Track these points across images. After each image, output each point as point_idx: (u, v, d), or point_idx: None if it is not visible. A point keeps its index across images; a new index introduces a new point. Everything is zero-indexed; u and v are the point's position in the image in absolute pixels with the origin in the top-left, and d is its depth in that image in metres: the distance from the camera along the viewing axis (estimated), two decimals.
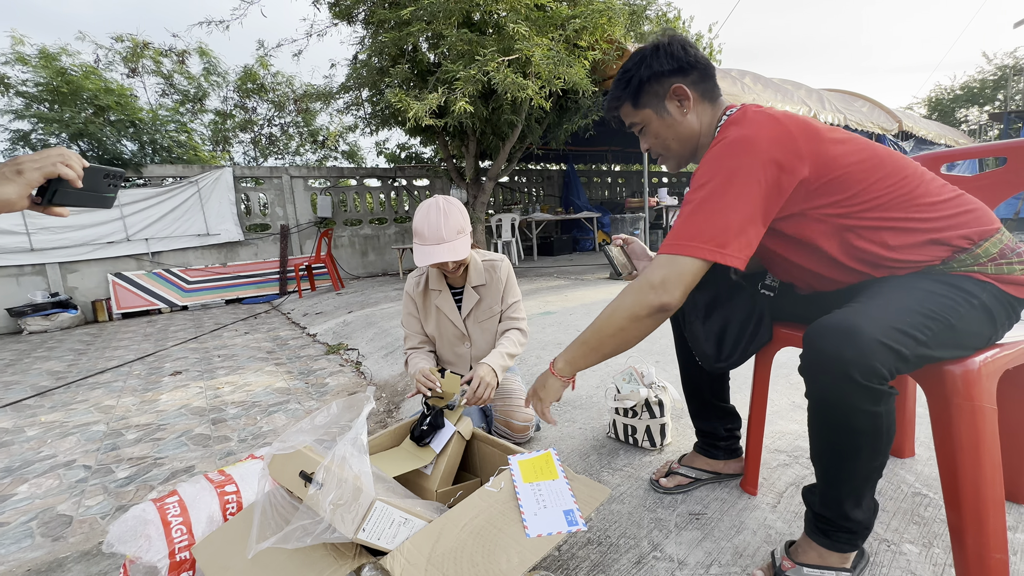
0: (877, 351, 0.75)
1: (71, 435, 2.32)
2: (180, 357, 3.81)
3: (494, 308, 1.67)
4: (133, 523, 1.05)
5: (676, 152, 1.05)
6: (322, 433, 1.09)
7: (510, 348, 1.57)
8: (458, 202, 1.52)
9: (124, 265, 6.32)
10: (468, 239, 1.49)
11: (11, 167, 0.72)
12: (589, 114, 5.45)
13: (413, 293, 1.71)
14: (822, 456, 0.88)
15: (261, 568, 0.90)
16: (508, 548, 0.85)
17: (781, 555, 0.96)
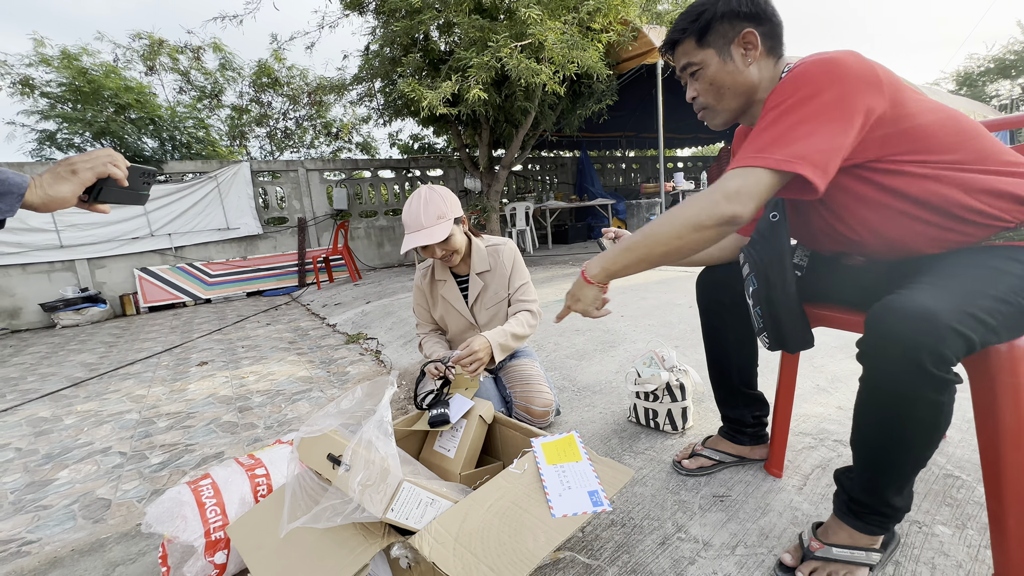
0: (950, 338, 0.70)
1: (106, 423, 2.40)
2: (206, 348, 3.91)
3: (500, 293, 1.66)
4: (170, 504, 1.09)
5: (727, 105, 0.98)
6: (347, 417, 1.11)
7: (515, 328, 1.57)
8: (443, 190, 1.53)
9: (149, 260, 6.48)
10: (450, 224, 1.49)
11: (66, 167, 0.78)
12: (603, 99, 5.36)
13: (421, 284, 1.74)
14: (870, 444, 0.84)
15: (293, 547, 0.92)
16: (534, 528, 0.86)
17: (809, 536, 0.94)
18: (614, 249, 0.93)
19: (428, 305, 1.75)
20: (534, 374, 1.66)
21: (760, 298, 1.00)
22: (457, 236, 1.54)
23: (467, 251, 1.65)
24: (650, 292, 3.66)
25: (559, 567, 1.03)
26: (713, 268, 1.23)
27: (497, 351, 1.49)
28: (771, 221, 0.97)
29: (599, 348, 2.45)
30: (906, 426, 0.78)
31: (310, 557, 0.88)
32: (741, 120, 1.03)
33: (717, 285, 1.20)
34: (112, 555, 1.33)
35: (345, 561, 0.83)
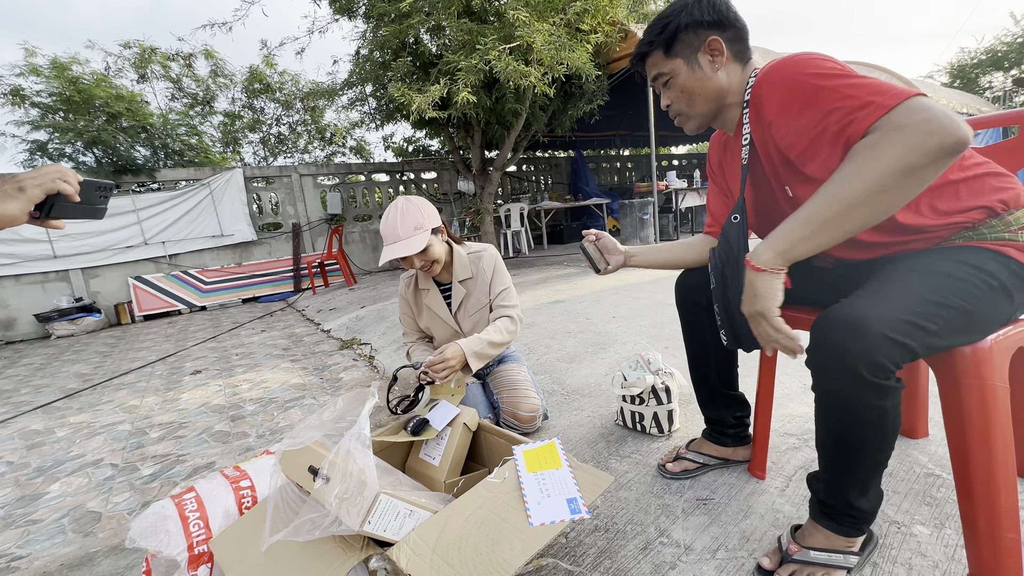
0: (883, 346, 0.72)
1: (98, 435, 2.40)
2: (200, 356, 3.91)
3: (483, 300, 1.67)
4: (153, 519, 1.09)
5: (699, 111, 1.00)
6: (330, 428, 1.11)
7: (493, 336, 1.57)
8: (420, 201, 1.52)
9: (143, 268, 6.47)
10: (427, 235, 1.48)
11: (12, 184, 0.77)
12: (594, 99, 5.37)
13: (405, 294, 1.75)
14: (827, 447, 0.87)
15: (274, 560, 0.92)
16: (511, 537, 0.86)
17: (787, 539, 0.95)
18: (785, 226, 0.79)
19: (413, 314, 1.77)
20: (521, 379, 1.67)
21: (718, 296, 1.02)
22: (436, 246, 1.54)
23: (449, 259, 1.65)
24: (643, 292, 3.67)
25: (541, 574, 1.03)
26: (691, 271, 1.24)
27: (472, 359, 1.49)
28: (732, 222, 0.98)
29: (590, 350, 2.46)
30: (853, 429, 0.81)
31: (290, 570, 0.89)
32: (714, 124, 1.05)
33: (694, 287, 1.21)
34: (101, 569, 1.33)
35: (323, 575, 0.83)
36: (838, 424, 0.82)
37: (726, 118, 1.02)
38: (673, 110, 1.04)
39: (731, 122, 1.03)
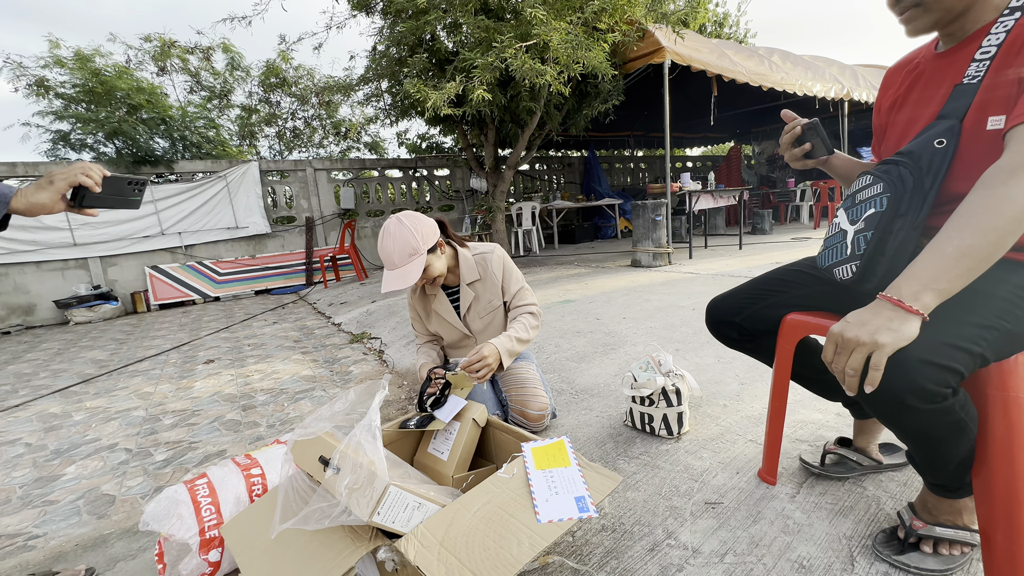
0: (928, 373, 0.70)
1: (114, 420, 2.45)
2: (213, 346, 3.96)
3: (494, 302, 1.66)
4: (166, 503, 1.11)
5: (947, 3, 0.83)
6: (341, 419, 1.12)
7: (520, 332, 1.57)
8: (414, 221, 1.46)
9: (160, 258, 6.58)
10: (423, 259, 1.44)
11: (46, 179, 0.93)
12: (609, 98, 5.34)
13: (412, 299, 1.75)
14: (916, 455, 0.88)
15: (283, 547, 0.94)
16: (519, 533, 0.86)
17: (908, 515, 0.95)
18: (935, 263, 0.72)
19: (422, 319, 1.77)
20: (530, 377, 1.67)
21: (876, 223, 0.89)
22: (435, 263, 1.51)
23: (454, 263, 1.64)
24: (654, 294, 3.65)
25: (547, 572, 1.04)
26: (714, 307, 1.22)
27: (506, 357, 1.50)
28: (935, 147, 0.85)
29: (599, 350, 2.45)
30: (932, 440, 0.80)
31: (299, 558, 0.90)
32: (945, 28, 0.88)
33: (722, 323, 1.19)
34: (114, 551, 1.36)
35: (332, 564, 0.84)
36: (910, 438, 0.83)
37: (967, 19, 0.85)
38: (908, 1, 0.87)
39: (967, 26, 0.86)
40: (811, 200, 8.69)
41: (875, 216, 0.90)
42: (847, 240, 0.97)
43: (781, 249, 5.69)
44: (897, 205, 0.87)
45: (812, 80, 6.42)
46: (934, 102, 0.91)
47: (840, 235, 1.00)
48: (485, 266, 1.66)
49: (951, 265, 0.71)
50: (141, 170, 6.47)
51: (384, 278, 1.45)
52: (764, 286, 1.18)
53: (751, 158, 12.67)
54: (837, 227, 1.02)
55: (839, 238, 1.00)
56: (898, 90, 1.02)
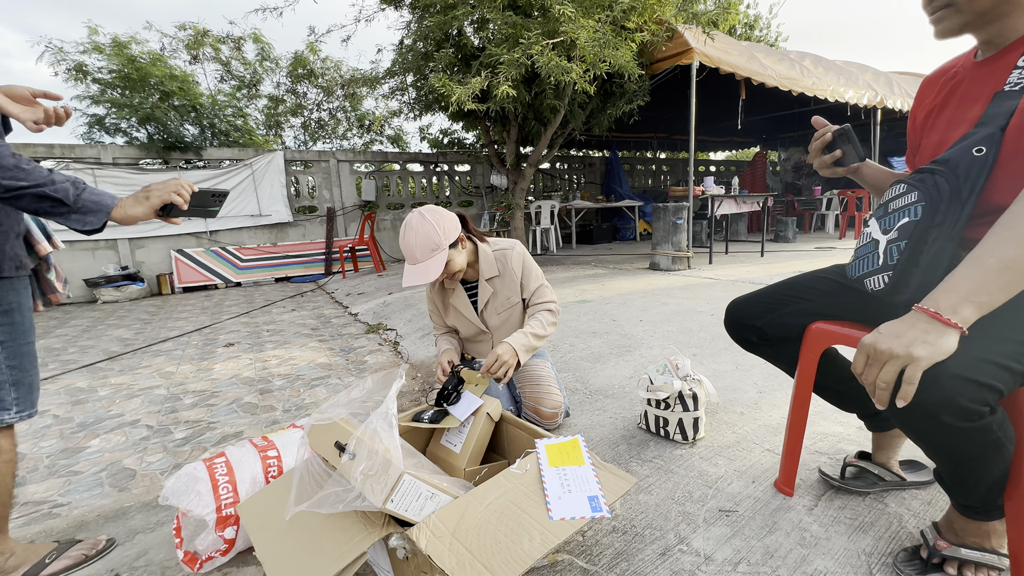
0: (965, 390, 0.68)
1: (136, 397, 2.52)
2: (233, 330, 4.04)
3: (512, 299, 1.65)
4: (186, 480, 1.14)
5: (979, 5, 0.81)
6: (358, 407, 1.13)
7: (536, 329, 1.56)
8: (436, 215, 1.46)
9: (185, 242, 6.73)
10: (444, 255, 1.43)
11: (143, 193, 1.06)
12: (634, 99, 5.28)
13: (431, 292, 1.75)
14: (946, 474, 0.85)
15: (297, 529, 0.95)
16: (531, 529, 0.86)
17: (932, 535, 0.93)
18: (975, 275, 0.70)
19: (440, 313, 1.77)
20: (545, 375, 1.66)
21: (910, 233, 0.86)
22: (456, 259, 1.51)
23: (474, 258, 1.63)
24: (672, 298, 3.60)
25: (556, 569, 1.03)
26: (735, 308, 1.20)
27: (522, 354, 1.50)
28: (974, 155, 0.82)
29: (615, 352, 2.43)
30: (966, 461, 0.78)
31: (313, 540, 0.91)
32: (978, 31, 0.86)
33: (742, 326, 1.17)
34: (134, 523, 1.39)
35: (344, 547, 0.85)
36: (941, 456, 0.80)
37: (1005, 27, 0.82)
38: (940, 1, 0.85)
39: (1006, 34, 0.83)
40: (838, 209, 8.49)
41: (909, 225, 0.87)
42: (879, 250, 0.94)
43: (804, 258, 5.57)
44: (932, 214, 0.84)
45: (844, 86, 6.25)
46: (973, 110, 0.88)
47: (871, 245, 0.97)
48: (504, 262, 1.64)
49: (992, 278, 0.68)
50: (171, 155, 6.62)
51: (405, 272, 1.45)
52: (789, 292, 1.15)
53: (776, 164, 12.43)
54: (868, 237, 0.99)
55: (870, 248, 0.97)
56: (935, 99, 0.98)
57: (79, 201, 0.98)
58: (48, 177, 0.95)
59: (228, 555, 1.12)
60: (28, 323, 1.12)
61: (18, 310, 1.09)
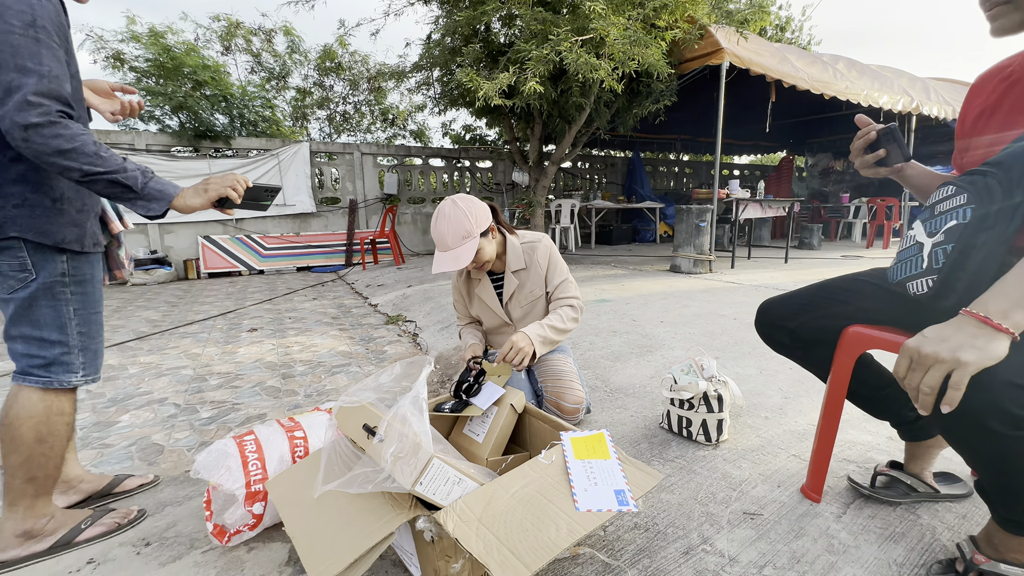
0: (1016, 395, 0.66)
1: (164, 376, 2.59)
2: (256, 316, 4.12)
3: (535, 292, 1.65)
4: (216, 455, 1.16)
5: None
6: (384, 392, 1.14)
7: (556, 322, 1.55)
8: (468, 204, 1.46)
9: (211, 229, 6.88)
10: (475, 242, 1.44)
11: (202, 186, 1.15)
12: (661, 98, 5.23)
13: (457, 282, 1.76)
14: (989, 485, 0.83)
15: (325, 507, 0.96)
16: (557, 519, 0.86)
17: (970, 548, 0.90)
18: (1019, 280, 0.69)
19: (465, 302, 1.78)
20: (567, 370, 1.66)
21: (958, 236, 0.83)
22: (486, 249, 1.51)
23: (502, 250, 1.64)
24: (693, 300, 3.56)
25: (578, 562, 1.03)
26: (767, 309, 1.18)
27: (539, 345, 1.48)
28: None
29: (635, 352, 2.41)
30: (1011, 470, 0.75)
31: (340, 519, 0.92)
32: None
33: (774, 326, 1.15)
34: (162, 496, 1.43)
35: (373, 527, 0.86)
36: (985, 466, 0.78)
37: None
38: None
39: None
40: (866, 217, 8.27)
41: (956, 228, 0.84)
42: (923, 253, 0.91)
43: (829, 265, 5.44)
44: (982, 218, 0.81)
45: (879, 91, 6.08)
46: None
47: (915, 248, 0.95)
48: (531, 255, 1.64)
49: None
50: (201, 144, 6.77)
51: (435, 259, 1.46)
52: (825, 294, 1.13)
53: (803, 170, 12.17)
54: (912, 239, 0.97)
55: (914, 251, 0.94)
56: (988, 98, 0.95)
57: (146, 189, 1.05)
58: (121, 165, 1.02)
59: (255, 530, 1.14)
60: (98, 295, 1.21)
61: (91, 282, 1.18)
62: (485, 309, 1.72)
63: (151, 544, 1.19)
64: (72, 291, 1.13)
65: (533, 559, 0.77)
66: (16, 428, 1.09)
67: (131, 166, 1.03)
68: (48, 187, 1.07)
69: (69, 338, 1.14)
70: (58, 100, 0.95)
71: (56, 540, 1.16)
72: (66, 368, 1.14)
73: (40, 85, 0.93)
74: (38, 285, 1.08)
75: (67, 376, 1.14)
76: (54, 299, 1.10)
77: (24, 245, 1.05)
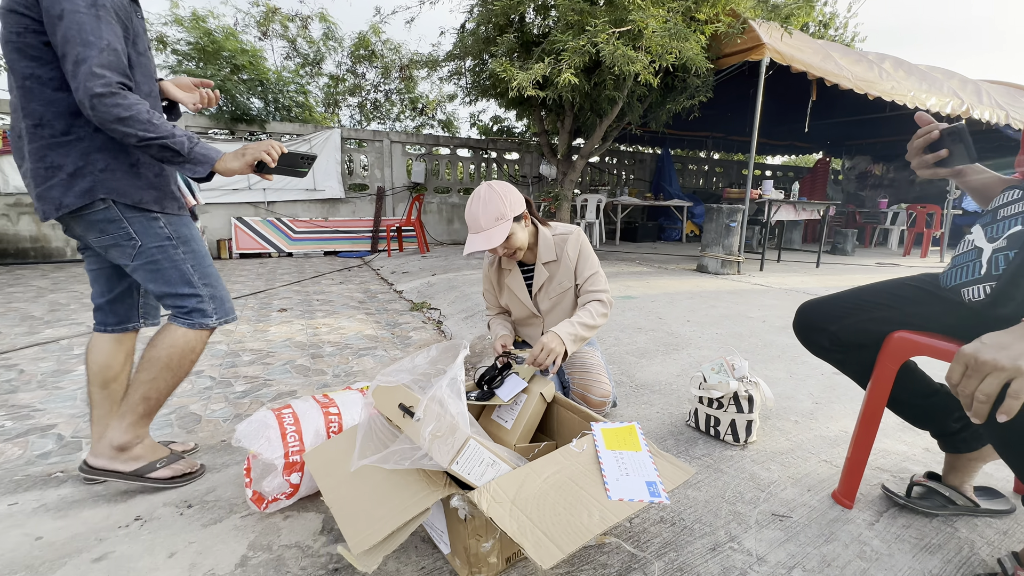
0: None
1: None
2: (285, 297, 4.23)
3: (564, 284, 1.65)
4: (257, 425, 1.21)
5: None
6: (419, 374, 1.17)
7: (585, 318, 1.54)
8: (503, 188, 1.49)
9: (244, 211, 7.06)
10: (508, 225, 1.45)
11: (241, 151, 1.20)
12: (696, 94, 5.12)
13: (488, 272, 1.78)
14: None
15: (361, 481, 1.00)
16: (589, 505, 0.87)
17: (1012, 565, 0.89)
18: None
19: (495, 292, 1.80)
20: (595, 363, 1.66)
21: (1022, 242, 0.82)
22: (518, 234, 1.52)
23: (534, 240, 1.64)
24: (721, 301, 3.51)
25: (604, 551, 1.04)
26: (808, 310, 1.16)
27: (570, 344, 1.47)
28: None
29: (661, 349, 2.39)
30: None
31: (376, 493, 0.95)
32: None
33: (814, 328, 1.13)
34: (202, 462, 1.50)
35: (409, 502, 0.89)
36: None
37: None
38: None
39: None
40: (904, 224, 7.97)
41: (1021, 234, 0.82)
42: (982, 259, 0.89)
43: (863, 272, 5.28)
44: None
45: (927, 92, 5.83)
46: None
47: (974, 253, 0.92)
48: (562, 247, 1.64)
49: None
50: (237, 127, 6.93)
51: (468, 240, 1.49)
52: (871, 297, 1.10)
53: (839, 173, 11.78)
54: (971, 244, 0.94)
55: (972, 256, 0.91)
56: None
57: (192, 153, 1.13)
58: (171, 131, 1.10)
59: (292, 499, 1.18)
60: (204, 250, 1.34)
61: (193, 239, 1.31)
62: (514, 299, 1.73)
63: (193, 506, 1.24)
64: (183, 251, 1.27)
65: (566, 542, 0.79)
66: (158, 350, 1.27)
67: (179, 132, 1.12)
68: (125, 154, 1.18)
69: (198, 289, 1.29)
70: (117, 71, 1.04)
71: (137, 467, 1.29)
72: (203, 314, 1.30)
73: (101, 57, 1.02)
74: (149, 249, 1.22)
75: (204, 320, 1.30)
76: (171, 260, 1.25)
77: (122, 215, 1.19)
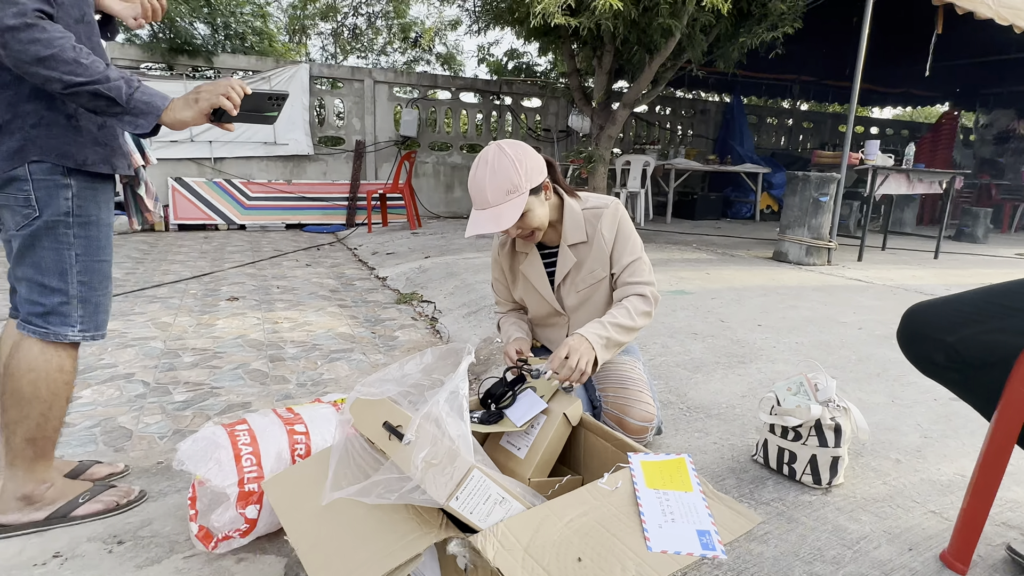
0: None
1: (130, 347, 2.77)
2: (237, 282, 4.32)
3: (597, 272, 1.64)
4: (204, 444, 1.26)
5: None
6: (409, 385, 1.20)
7: (623, 318, 1.53)
8: (518, 150, 1.46)
9: (185, 169, 7.18)
10: (523, 200, 1.43)
11: (193, 96, 1.20)
12: (781, 24, 5.04)
13: (499, 256, 1.77)
14: None
15: (334, 516, 1.04)
16: (624, 558, 0.90)
17: None
18: None
19: (507, 282, 1.80)
20: (635, 378, 1.68)
21: None
22: (537, 211, 1.50)
23: (558, 216, 1.63)
24: (803, 300, 3.50)
25: None
26: (917, 314, 1.16)
27: (601, 351, 1.46)
28: None
29: (722, 361, 2.41)
30: None
31: (353, 532, 0.99)
32: None
33: (924, 338, 1.14)
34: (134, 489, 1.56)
35: (394, 546, 0.92)
36: None
37: None
38: None
39: None
40: None
41: None
42: None
43: (997, 266, 5.21)
44: None
45: None
46: None
47: None
48: (595, 225, 1.63)
49: None
50: (176, 60, 7.02)
51: (471, 219, 1.48)
52: (1000, 300, 1.10)
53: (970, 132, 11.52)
54: None
55: None
56: None
57: (131, 101, 1.14)
58: (103, 73, 1.11)
59: (247, 537, 1.23)
60: (105, 240, 1.35)
61: (96, 224, 1.31)
62: (531, 292, 1.75)
63: (124, 543, 1.30)
64: (75, 234, 1.27)
65: None
66: (16, 380, 1.28)
67: (114, 74, 1.12)
68: (61, 102, 1.20)
69: (69, 287, 1.28)
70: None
71: (53, 511, 1.34)
72: (63, 320, 1.29)
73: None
74: (41, 223, 1.23)
75: (64, 329, 1.29)
76: (56, 241, 1.25)
77: (30, 179, 1.20)
